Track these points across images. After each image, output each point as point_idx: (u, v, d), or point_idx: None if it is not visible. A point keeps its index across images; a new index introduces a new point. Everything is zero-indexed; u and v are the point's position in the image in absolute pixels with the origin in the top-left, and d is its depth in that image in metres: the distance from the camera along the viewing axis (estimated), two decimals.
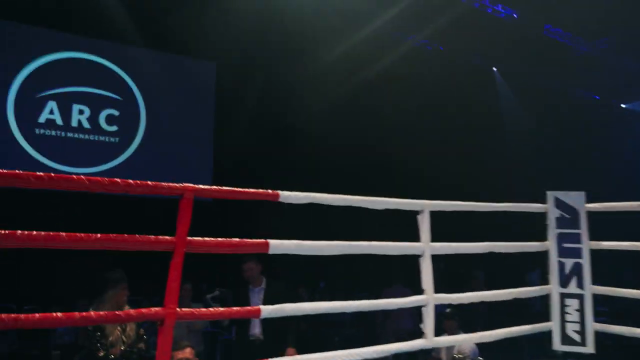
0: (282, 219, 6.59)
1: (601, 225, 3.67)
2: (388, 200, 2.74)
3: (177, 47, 8.87)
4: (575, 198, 3.49)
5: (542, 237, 3.61)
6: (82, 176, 1.88)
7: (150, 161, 8.26)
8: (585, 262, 3.42)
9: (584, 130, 14.15)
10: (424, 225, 2.83)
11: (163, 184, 2.02)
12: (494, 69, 13.17)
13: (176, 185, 2.03)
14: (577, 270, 3.43)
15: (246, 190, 2.21)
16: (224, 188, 2.16)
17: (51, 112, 7.58)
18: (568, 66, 13.10)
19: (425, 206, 2.85)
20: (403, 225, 3.05)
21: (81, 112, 7.82)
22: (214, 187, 2.16)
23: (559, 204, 3.49)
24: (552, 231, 3.49)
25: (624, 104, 16.11)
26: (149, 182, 1.99)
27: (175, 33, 8.57)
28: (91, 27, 8.06)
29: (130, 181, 1.96)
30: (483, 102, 12.66)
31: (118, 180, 1.94)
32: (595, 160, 13.48)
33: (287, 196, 2.32)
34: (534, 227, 3.84)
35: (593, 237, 3.45)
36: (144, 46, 8.51)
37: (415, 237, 2.84)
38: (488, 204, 3.24)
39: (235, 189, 2.18)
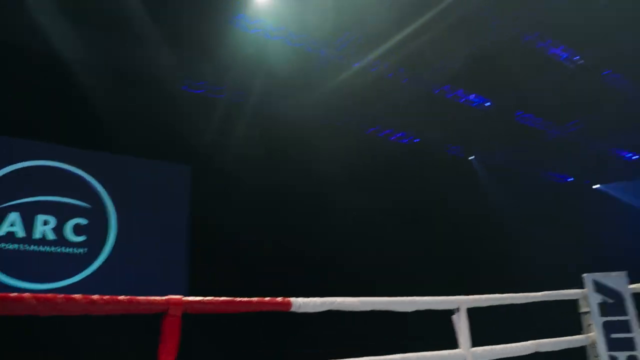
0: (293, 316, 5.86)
1: None
2: (419, 299, 2.25)
3: (149, 150, 8.52)
4: (617, 280, 3.04)
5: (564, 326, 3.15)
6: (26, 294, 1.36)
7: (122, 271, 7.59)
8: None
9: (562, 212, 14.06)
10: (462, 325, 2.33)
11: (140, 298, 1.50)
12: (471, 158, 13.18)
13: (158, 299, 1.52)
14: None
15: (250, 300, 1.71)
16: (221, 299, 1.65)
17: (12, 225, 6.98)
18: (542, 150, 13.26)
19: (461, 303, 2.37)
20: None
21: (46, 222, 7.23)
22: (208, 298, 1.65)
23: (600, 287, 3.04)
24: (597, 320, 3.01)
25: (596, 185, 16.27)
26: (121, 298, 1.47)
27: (147, 136, 8.28)
28: (57, 134, 7.70)
29: (94, 297, 1.44)
30: (466, 191, 12.55)
31: (77, 297, 1.41)
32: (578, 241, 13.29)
33: (302, 304, 1.82)
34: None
35: None
36: (114, 151, 8.15)
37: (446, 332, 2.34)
38: (525, 294, 2.77)
39: (236, 299, 1.67)
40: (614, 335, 2.96)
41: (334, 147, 10.24)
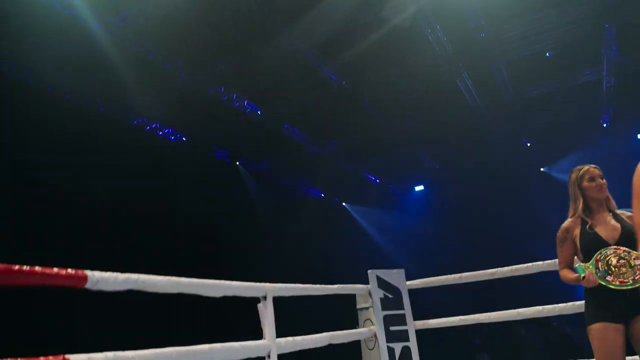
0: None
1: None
2: (227, 283, 1.99)
3: None
4: (396, 276, 3.22)
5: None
6: None
7: None
8: (413, 345, 3.12)
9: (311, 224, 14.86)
10: (268, 315, 2.14)
11: None
12: (237, 163, 13.28)
13: None
14: (406, 355, 3.09)
15: (33, 269, 1.23)
16: None
17: None
18: (301, 164, 14.02)
19: (268, 290, 2.18)
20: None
21: None
22: None
23: (382, 283, 3.17)
24: (378, 314, 3.12)
25: (345, 203, 17.83)
26: None
27: None
28: None
29: None
30: (230, 196, 12.57)
31: None
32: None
33: (99, 279, 1.41)
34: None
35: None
36: None
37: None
38: (324, 286, 2.74)
39: (13, 266, 1.19)
40: (392, 328, 3.12)
41: (93, 132, 9.24)
